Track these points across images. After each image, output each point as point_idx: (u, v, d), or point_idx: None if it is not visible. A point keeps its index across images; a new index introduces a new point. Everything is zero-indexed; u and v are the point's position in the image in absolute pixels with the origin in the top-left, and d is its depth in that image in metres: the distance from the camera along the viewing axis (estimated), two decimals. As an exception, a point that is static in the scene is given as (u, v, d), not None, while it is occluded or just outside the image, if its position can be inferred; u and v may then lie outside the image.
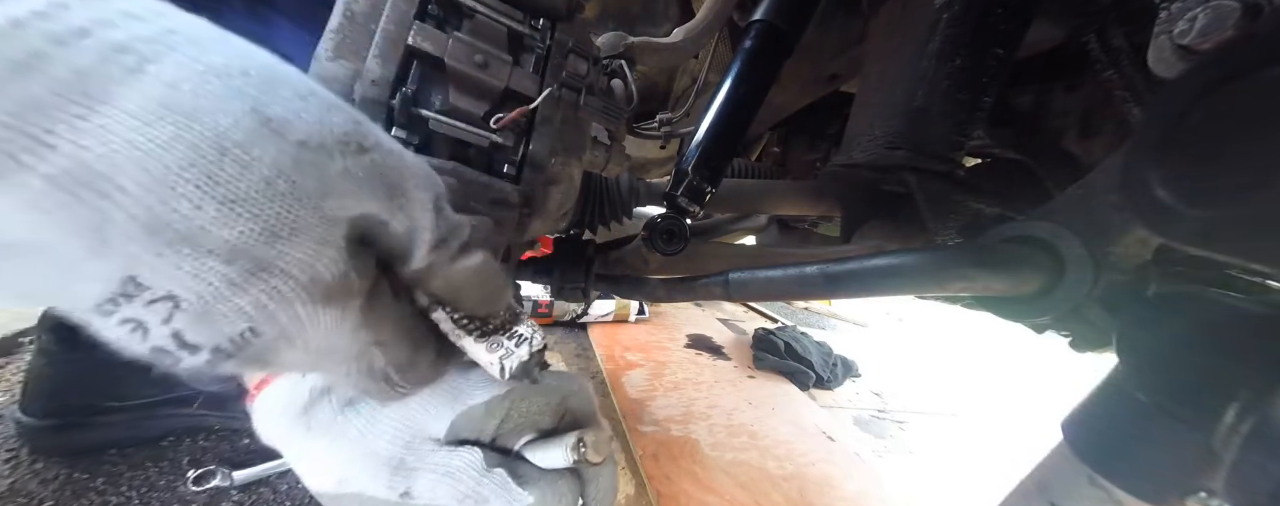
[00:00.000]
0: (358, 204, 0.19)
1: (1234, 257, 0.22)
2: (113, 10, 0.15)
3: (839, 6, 0.61)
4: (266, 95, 0.16)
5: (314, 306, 0.18)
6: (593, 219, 0.57)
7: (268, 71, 0.17)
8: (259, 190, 0.16)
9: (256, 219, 0.16)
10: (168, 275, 0.15)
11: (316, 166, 0.17)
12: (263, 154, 0.16)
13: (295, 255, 0.17)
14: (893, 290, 0.35)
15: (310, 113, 0.17)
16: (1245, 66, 0.21)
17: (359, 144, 0.18)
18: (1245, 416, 0.23)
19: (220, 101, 0.15)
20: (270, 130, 0.16)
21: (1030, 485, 0.34)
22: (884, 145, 0.47)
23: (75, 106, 0.14)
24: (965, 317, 2.39)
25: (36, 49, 0.13)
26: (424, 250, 0.22)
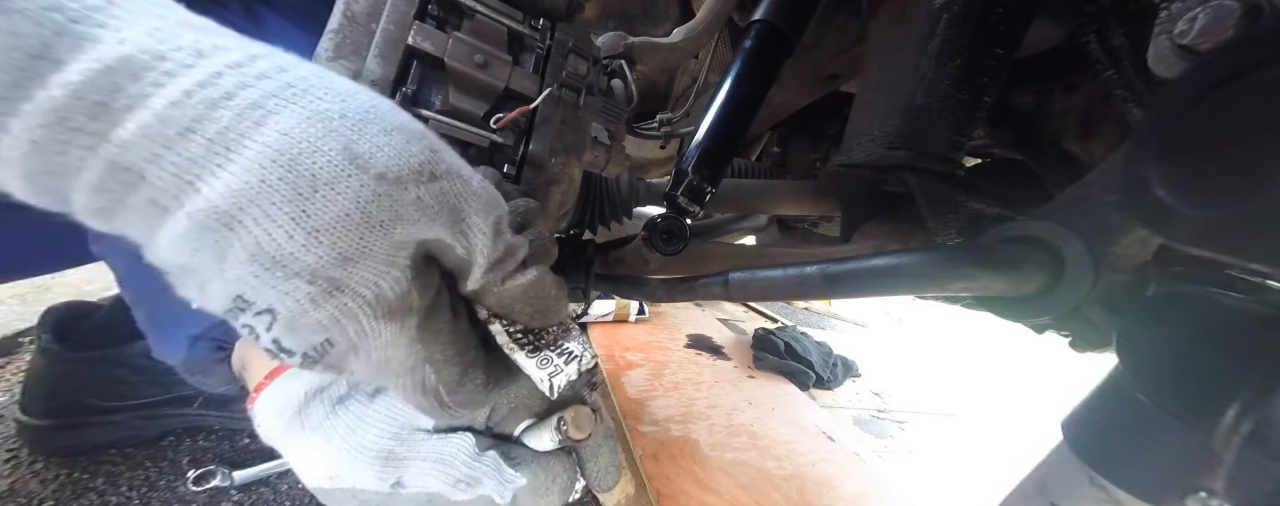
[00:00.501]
0: (426, 229, 0.22)
1: (1234, 258, 0.22)
2: (252, 74, 0.18)
3: (839, 6, 0.61)
4: (357, 133, 0.19)
5: (376, 321, 0.21)
6: (593, 219, 0.57)
7: (363, 111, 0.20)
8: (338, 220, 0.19)
9: (334, 245, 0.19)
10: (265, 292, 0.19)
11: (390, 197, 0.20)
12: (345, 188, 0.19)
13: (363, 275, 0.20)
14: (893, 290, 0.35)
15: (393, 146, 0.20)
16: (1245, 66, 0.21)
17: (432, 172, 0.21)
18: (1245, 416, 0.23)
19: (319, 143, 0.19)
20: (356, 166, 0.19)
21: (1030, 485, 0.34)
22: (884, 145, 0.47)
23: (217, 157, 0.17)
24: (965, 317, 2.39)
25: (198, 114, 0.17)
26: (480, 272, 0.24)
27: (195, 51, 0.18)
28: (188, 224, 0.17)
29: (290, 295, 0.19)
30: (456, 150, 0.35)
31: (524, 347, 0.27)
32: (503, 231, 0.25)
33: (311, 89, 0.19)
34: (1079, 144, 0.51)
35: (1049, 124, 0.54)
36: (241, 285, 0.18)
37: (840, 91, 0.74)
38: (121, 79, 0.16)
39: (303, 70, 0.20)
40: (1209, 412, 0.24)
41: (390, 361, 0.23)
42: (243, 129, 0.18)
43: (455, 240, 0.23)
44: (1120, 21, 0.38)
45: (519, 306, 0.26)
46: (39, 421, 0.66)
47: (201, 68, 0.17)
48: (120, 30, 0.16)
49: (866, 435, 1.28)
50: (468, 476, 0.29)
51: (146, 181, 0.17)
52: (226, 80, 0.18)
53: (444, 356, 0.24)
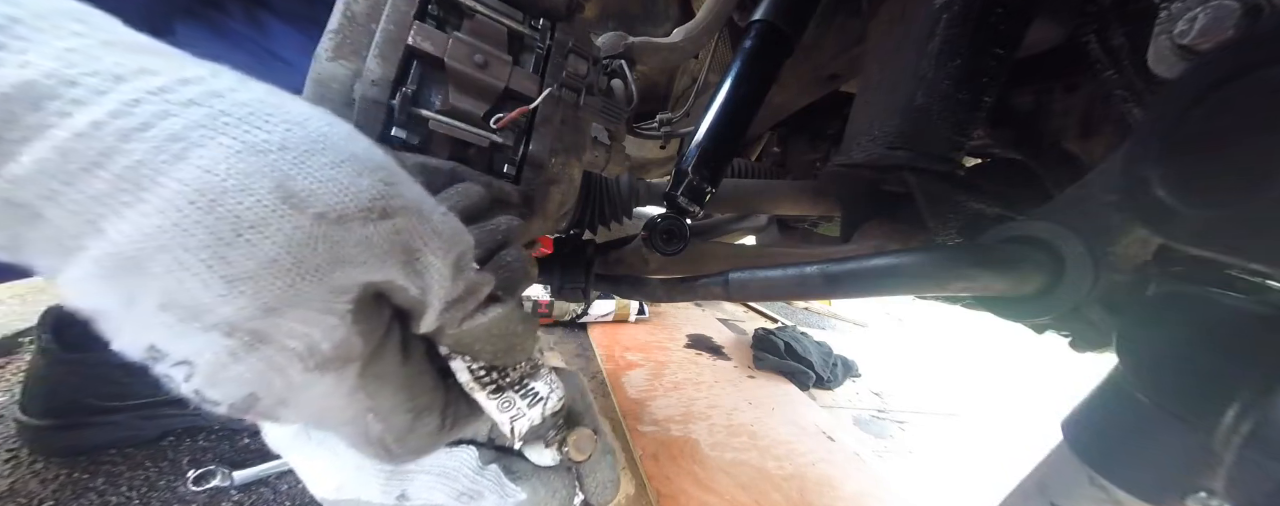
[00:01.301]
0: (373, 271, 0.20)
1: (1234, 258, 0.22)
2: (178, 101, 0.17)
3: (839, 6, 0.61)
4: (298, 167, 0.18)
5: (309, 373, 0.19)
6: (593, 219, 0.57)
7: (310, 141, 0.18)
8: (263, 268, 0.17)
9: (256, 295, 0.17)
10: (180, 345, 0.17)
11: (329, 239, 0.18)
12: (274, 231, 0.17)
13: (291, 326, 0.18)
14: (893, 290, 0.35)
15: (339, 181, 0.18)
16: (1245, 66, 0.21)
17: (383, 209, 0.19)
18: (1245, 416, 0.23)
19: (248, 180, 0.17)
20: (290, 205, 0.17)
21: (1030, 485, 0.34)
22: (884, 145, 0.47)
23: (125, 195, 0.16)
24: (965, 317, 2.39)
25: (107, 147, 0.15)
26: (433, 314, 0.22)
27: (113, 76, 0.16)
28: (91, 268, 0.16)
29: (207, 348, 0.17)
30: (456, 150, 0.35)
31: (485, 387, 0.25)
32: (464, 268, 0.23)
33: (249, 117, 0.17)
34: (1079, 144, 0.51)
35: (1049, 124, 0.54)
36: (153, 335, 0.17)
37: (840, 91, 0.74)
38: (18, 108, 0.15)
39: (244, 94, 0.18)
40: (1209, 412, 0.24)
41: (328, 412, 0.21)
42: (158, 164, 0.16)
43: (408, 281, 0.21)
44: (1120, 21, 0.38)
45: (479, 345, 0.25)
46: (39, 421, 0.66)
47: (118, 94, 0.16)
48: (25, 53, 0.15)
49: (866, 435, 1.28)
50: (470, 490, 0.29)
51: (46, 219, 0.15)
52: (145, 108, 0.16)
53: (391, 404, 0.23)
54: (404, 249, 0.20)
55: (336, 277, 0.19)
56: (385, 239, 0.20)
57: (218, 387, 0.18)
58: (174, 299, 0.16)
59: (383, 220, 0.19)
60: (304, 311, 0.18)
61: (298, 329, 0.18)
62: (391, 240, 0.20)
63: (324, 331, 0.19)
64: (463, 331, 0.24)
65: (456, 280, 0.22)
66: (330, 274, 0.18)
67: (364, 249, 0.19)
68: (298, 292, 0.18)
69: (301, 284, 0.18)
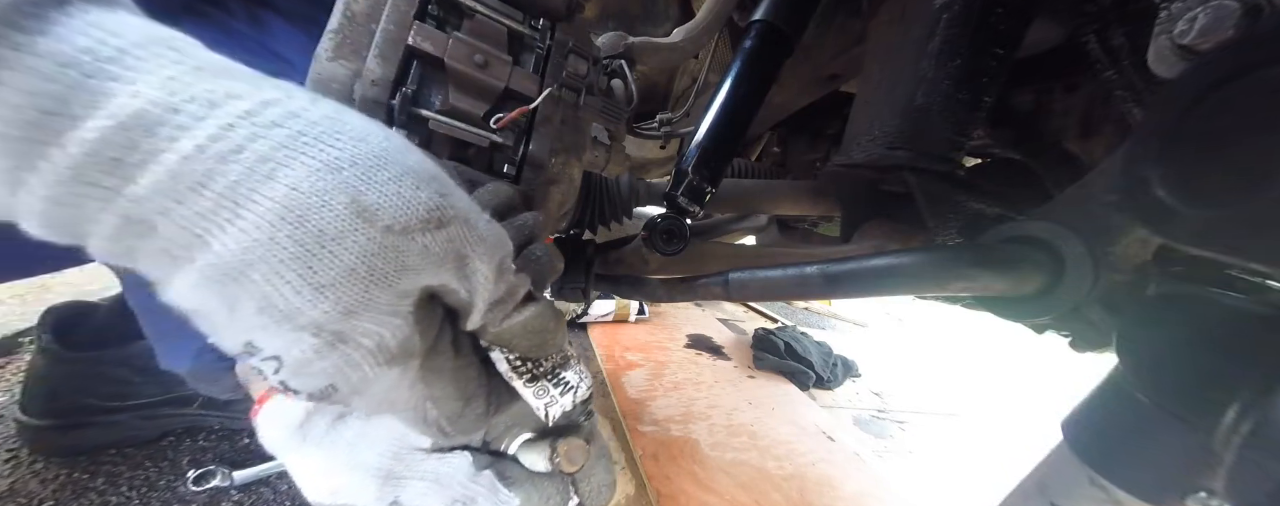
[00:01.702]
0: (430, 276, 0.22)
1: (1234, 258, 0.22)
2: (263, 122, 0.18)
3: (839, 6, 0.61)
4: (366, 183, 0.19)
5: (379, 367, 0.21)
6: (593, 219, 0.57)
7: (374, 157, 0.20)
8: (343, 276, 0.19)
9: (339, 301, 0.19)
10: (273, 342, 0.19)
11: (396, 248, 0.20)
12: (352, 243, 0.19)
13: (367, 326, 0.20)
14: (893, 290, 0.35)
15: (402, 195, 0.20)
16: (1245, 66, 0.21)
17: (439, 219, 0.21)
18: (1245, 416, 0.23)
19: (327, 197, 0.19)
20: (362, 219, 0.19)
21: (1030, 485, 0.34)
22: (884, 145, 0.47)
23: (226, 212, 0.17)
24: (965, 317, 2.39)
25: (209, 168, 0.17)
26: (479, 313, 0.25)
27: (208, 102, 0.17)
28: (198, 277, 0.18)
29: (296, 345, 0.19)
30: (457, 150, 0.35)
31: (522, 376, 0.28)
32: (506, 271, 0.25)
33: (323, 137, 0.19)
34: (1079, 144, 0.51)
35: (1049, 124, 0.54)
36: (250, 333, 0.19)
37: (840, 91, 0.74)
38: (136, 134, 0.16)
39: (315, 113, 0.20)
40: (1209, 412, 0.24)
41: (394, 401, 0.24)
42: (252, 183, 0.18)
43: (459, 284, 0.23)
44: (1120, 21, 0.38)
45: (517, 340, 0.27)
46: (39, 421, 0.66)
47: (214, 119, 0.17)
48: (135, 82, 0.16)
49: (866, 435, 1.28)
50: (464, 496, 0.30)
51: (159, 233, 0.17)
52: (238, 132, 0.18)
53: (445, 393, 0.25)
54: (457, 255, 0.22)
55: (402, 283, 0.21)
56: (441, 247, 0.22)
57: (302, 379, 0.20)
58: (271, 302, 0.18)
59: (439, 229, 0.21)
60: (376, 314, 0.20)
61: (371, 328, 0.20)
62: (446, 248, 0.22)
63: (392, 331, 0.21)
64: (503, 328, 0.26)
65: (499, 282, 0.25)
66: (397, 280, 0.20)
67: (424, 256, 0.21)
68: (371, 297, 0.20)
69: (374, 290, 0.20)
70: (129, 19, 0.18)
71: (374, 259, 0.20)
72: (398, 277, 0.20)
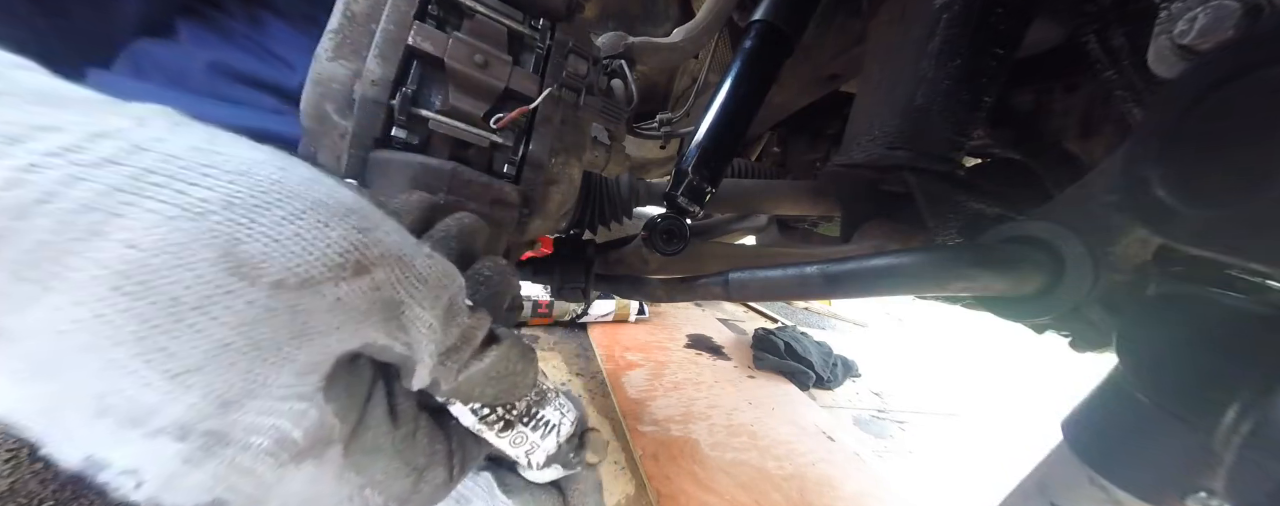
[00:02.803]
0: (348, 338, 0.17)
1: (1234, 258, 0.22)
2: (87, 160, 0.14)
3: (839, 6, 0.61)
4: (247, 228, 0.15)
5: (282, 467, 0.16)
6: (593, 219, 0.57)
7: (258, 192, 0.15)
8: (212, 357, 0.14)
9: (209, 390, 0.15)
10: (123, 453, 0.14)
11: (293, 310, 0.16)
12: (222, 312, 0.14)
13: (254, 421, 0.15)
14: (893, 290, 0.35)
15: (302, 237, 0.16)
16: (1245, 66, 0.21)
17: (358, 261, 0.17)
18: (1245, 416, 0.23)
19: (185, 253, 0.14)
20: (239, 277, 0.15)
21: (1030, 485, 0.34)
22: (884, 145, 0.47)
23: (28, 286, 0.13)
24: (965, 317, 2.39)
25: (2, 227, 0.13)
26: (427, 370, 0.20)
27: (6, 137, 0.13)
28: (3, 376, 0.13)
29: (156, 456, 0.14)
30: (456, 150, 0.35)
31: (493, 427, 0.24)
32: (457, 313, 0.20)
33: (181, 173, 0.14)
34: (1079, 144, 0.51)
35: (1049, 124, 0.54)
36: (91, 445, 0.14)
37: (840, 91, 0.74)
38: None
39: (175, 144, 0.15)
40: (1209, 412, 0.24)
41: (314, 502, 0.18)
42: (66, 243, 0.13)
43: (391, 339, 0.18)
44: (1120, 21, 0.38)
45: (480, 390, 0.22)
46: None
47: (9, 159, 0.13)
48: None
49: (866, 435, 1.28)
50: (459, 495, 0.28)
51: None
52: (46, 175, 0.13)
53: (387, 473, 0.20)
54: (385, 306, 0.18)
55: (305, 354, 0.16)
56: (362, 298, 0.17)
57: (175, 495, 0.15)
58: (109, 403, 0.14)
59: (358, 277, 0.17)
60: (268, 400, 0.16)
61: (262, 422, 0.16)
62: (370, 299, 0.17)
63: (293, 419, 0.16)
64: (461, 381, 0.21)
65: (448, 328, 0.20)
66: (295, 352, 0.16)
67: (336, 315, 0.16)
68: (257, 380, 0.15)
69: (262, 369, 0.15)
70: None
71: (258, 328, 0.15)
72: (296, 348, 0.16)
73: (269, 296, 0.15)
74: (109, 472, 0.14)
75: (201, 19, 0.42)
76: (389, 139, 0.33)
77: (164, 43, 0.39)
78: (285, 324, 0.15)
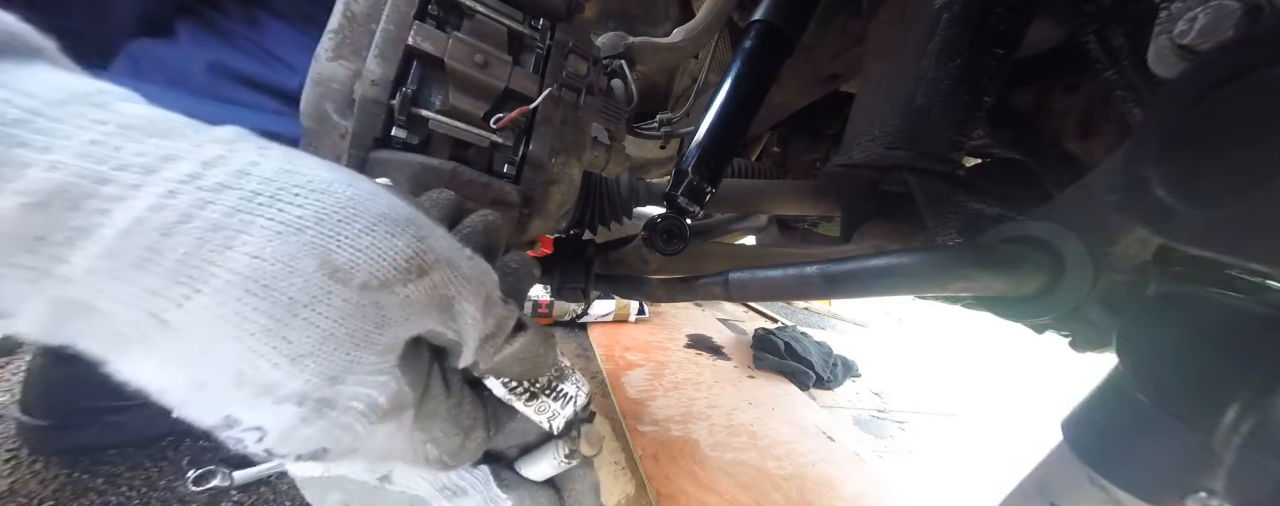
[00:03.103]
0: (414, 326, 0.21)
1: (1234, 258, 0.22)
2: (210, 185, 0.17)
3: (839, 6, 0.61)
4: (335, 240, 0.18)
5: (372, 426, 0.20)
6: (593, 219, 0.57)
7: (341, 208, 0.19)
8: (321, 343, 0.18)
9: (320, 369, 0.18)
10: (254, 415, 0.18)
11: (376, 306, 0.19)
12: (327, 308, 0.18)
13: (354, 390, 0.19)
14: (893, 290, 0.35)
15: (377, 247, 0.19)
16: (1245, 66, 0.21)
17: (420, 266, 0.20)
18: (1245, 416, 0.23)
19: (294, 262, 0.17)
20: (336, 280, 0.18)
21: (1030, 485, 0.34)
22: (884, 145, 0.47)
23: (181, 288, 0.16)
24: (965, 317, 2.39)
25: (152, 243, 0.16)
26: (470, 351, 0.24)
27: (142, 167, 0.16)
28: (159, 360, 0.17)
29: (279, 417, 0.18)
30: (456, 150, 0.35)
31: (521, 397, 0.28)
32: (493, 306, 0.24)
33: (280, 195, 0.18)
34: (1079, 144, 0.51)
35: (1049, 124, 0.54)
36: (227, 407, 0.18)
37: (840, 91, 0.74)
38: (58, 211, 0.15)
39: (267, 168, 0.18)
40: (1209, 412, 0.24)
41: (391, 451, 0.23)
42: (207, 255, 0.16)
43: (445, 327, 0.22)
44: (1120, 21, 0.38)
45: (510, 368, 0.27)
46: (39, 421, 0.66)
47: (152, 187, 0.16)
48: (50, 151, 0.15)
49: (866, 435, 1.28)
50: (455, 486, 0.30)
51: (102, 313, 0.16)
52: (182, 199, 0.16)
53: (443, 432, 0.25)
54: (441, 301, 0.22)
55: (385, 339, 0.20)
56: (424, 295, 0.21)
57: (290, 447, 0.19)
58: (246, 378, 0.17)
59: (421, 278, 0.20)
60: (362, 374, 0.19)
61: (359, 391, 0.19)
62: (430, 296, 0.21)
63: (379, 388, 0.20)
64: (496, 361, 0.26)
65: (487, 318, 0.24)
66: (379, 337, 0.20)
67: (406, 308, 0.20)
68: (354, 360, 0.19)
69: (357, 351, 0.19)
70: (44, 74, 0.17)
71: (353, 320, 0.19)
72: (380, 335, 0.20)
73: (359, 295, 0.19)
74: (239, 428, 0.18)
75: (200, 19, 0.42)
76: (389, 139, 0.33)
77: (163, 43, 0.39)
78: (372, 316, 0.19)
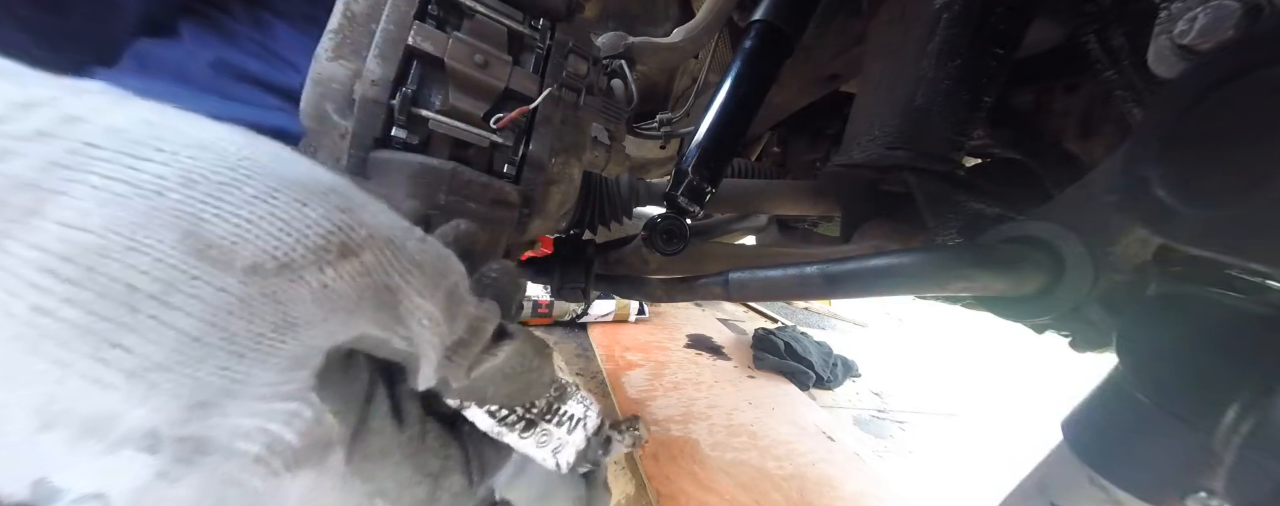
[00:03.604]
0: (338, 329, 0.15)
1: (1234, 258, 0.22)
2: (17, 132, 0.12)
3: (839, 6, 0.61)
4: (212, 207, 0.13)
5: (277, 477, 0.14)
6: (593, 219, 0.57)
7: (224, 168, 0.13)
8: (180, 350, 0.12)
9: (177, 389, 0.12)
10: (83, 474, 0.12)
11: (272, 298, 0.14)
12: (189, 300, 0.12)
13: (239, 424, 0.14)
14: (893, 290, 0.35)
15: (276, 217, 0.14)
16: (1245, 66, 0.21)
17: (343, 243, 0.15)
18: (1245, 416, 0.23)
19: (139, 234, 0.12)
20: (206, 261, 0.13)
21: (1030, 485, 0.34)
22: (884, 145, 0.47)
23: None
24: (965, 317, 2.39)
25: None
26: (432, 367, 0.18)
27: None
28: None
29: (124, 471, 0.12)
30: (456, 150, 0.35)
31: (514, 428, 0.21)
32: (461, 303, 0.18)
33: (131, 147, 0.13)
34: (1079, 144, 0.51)
35: (1049, 124, 0.54)
36: (42, 466, 0.12)
37: (840, 91, 0.74)
38: None
39: (120, 117, 0.13)
40: (1209, 412, 0.24)
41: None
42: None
43: (388, 331, 0.16)
44: (1120, 21, 0.38)
45: (495, 389, 0.20)
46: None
47: None
48: None
49: (866, 435, 1.28)
50: None
51: None
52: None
53: (398, 480, 0.18)
54: (377, 293, 0.16)
55: (288, 348, 0.14)
56: (351, 285, 0.15)
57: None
58: (57, 411, 0.12)
59: (344, 260, 0.15)
60: (249, 402, 0.14)
61: (246, 424, 0.14)
62: (359, 285, 0.15)
63: (284, 421, 0.14)
64: (474, 379, 0.19)
65: (453, 320, 0.18)
66: (279, 345, 0.14)
67: (323, 303, 0.14)
68: (235, 378, 0.13)
69: (239, 365, 0.13)
70: None
71: (231, 318, 0.13)
72: (280, 342, 0.14)
73: (243, 283, 0.13)
74: (64, 500, 0.12)
75: (204, 20, 0.42)
76: (389, 139, 0.33)
77: (167, 42, 0.39)
78: (264, 313, 0.14)
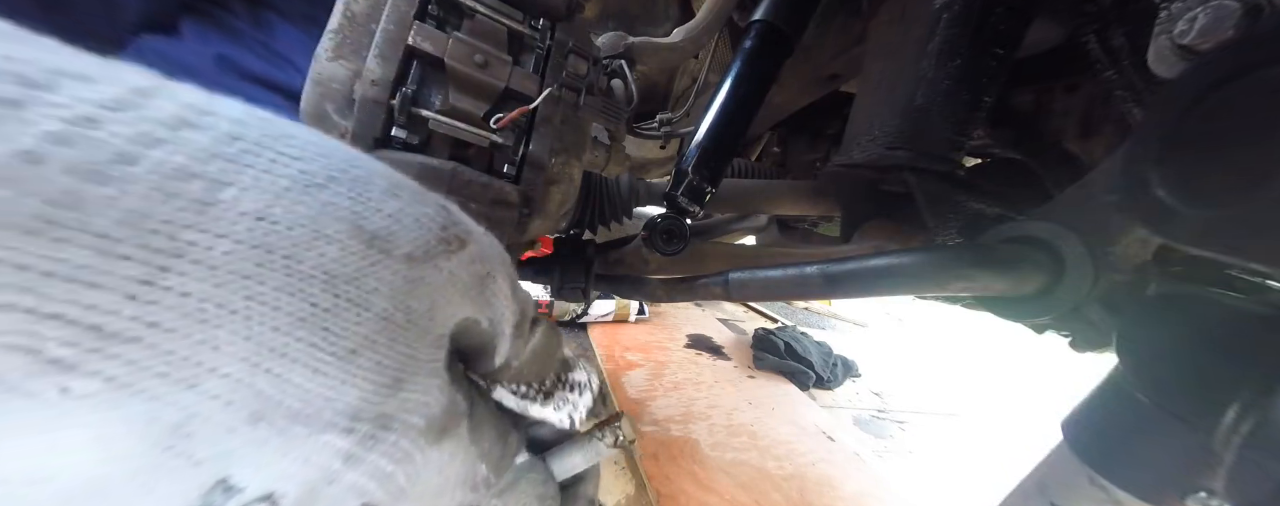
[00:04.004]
0: (459, 310, 0.16)
1: (1234, 258, 0.22)
2: (157, 117, 0.11)
3: (839, 6, 0.61)
4: (361, 202, 0.13)
5: (431, 448, 0.15)
6: (593, 219, 0.57)
7: (350, 167, 0.14)
8: (380, 331, 0.13)
9: (381, 369, 0.13)
10: (270, 469, 0.12)
11: (425, 282, 0.15)
12: (377, 283, 0.13)
13: (414, 399, 0.14)
14: (893, 290, 0.35)
15: (407, 213, 0.14)
16: (1245, 66, 0.21)
17: (458, 236, 0.16)
18: (1245, 416, 0.23)
19: (318, 226, 0.12)
20: (378, 250, 0.13)
21: (1030, 485, 0.34)
22: (884, 145, 0.47)
23: (135, 267, 0.10)
24: (965, 317, 2.39)
25: (69, 190, 0.09)
26: (506, 344, 0.19)
27: (22, 79, 0.10)
28: (99, 391, 0.10)
29: (313, 460, 0.12)
30: (456, 150, 0.35)
31: (536, 399, 0.24)
32: (516, 287, 0.20)
33: (265, 140, 0.12)
34: (1079, 144, 0.51)
35: (1049, 124, 0.54)
36: (227, 464, 0.11)
37: (840, 91, 0.74)
38: None
39: (232, 108, 0.12)
40: (1209, 412, 0.24)
41: (444, 486, 0.17)
42: (179, 215, 0.10)
43: (480, 314, 0.18)
44: (1120, 21, 0.38)
45: (534, 366, 0.22)
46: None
47: (52, 109, 0.09)
48: None
49: (866, 435, 1.28)
50: None
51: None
52: (110, 131, 0.10)
53: (490, 441, 0.20)
54: (480, 279, 0.17)
55: (437, 326, 0.15)
56: (467, 271, 0.16)
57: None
58: (272, 400, 0.11)
59: (462, 249, 0.16)
60: (422, 378, 0.15)
61: (417, 399, 0.14)
62: (472, 272, 0.16)
63: (436, 395, 0.15)
64: (526, 355, 0.21)
65: (515, 301, 0.19)
66: (431, 325, 0.15)
67: (451, 288, 0.16)
68: (414, 354, 0.14)
69: (417, 342, 0.14)
70: None
71: (408, 300, 0.14)
72: (431, 321, 0.15)
73: (407, 268, 0.14)
74: (235, 499, 0.11)
75: (205, 17, 0.42)
76: (389, 139, 0.33)
77: (168, 40, 0.39)
78: (424, 296, 0.15)
